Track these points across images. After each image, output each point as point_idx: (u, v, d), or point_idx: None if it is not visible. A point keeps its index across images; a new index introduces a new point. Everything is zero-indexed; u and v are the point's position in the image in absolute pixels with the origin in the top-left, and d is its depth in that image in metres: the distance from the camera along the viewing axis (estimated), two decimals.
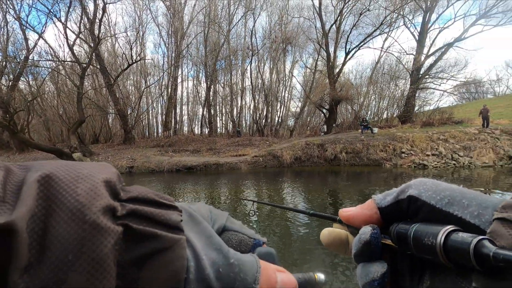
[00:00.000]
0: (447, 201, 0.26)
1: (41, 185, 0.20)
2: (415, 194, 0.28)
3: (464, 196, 0.26)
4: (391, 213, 0.30)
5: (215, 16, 29.83)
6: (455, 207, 0.25)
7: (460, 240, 0.23)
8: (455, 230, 0.24)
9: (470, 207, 0.25)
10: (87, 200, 0.20)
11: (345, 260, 4.02)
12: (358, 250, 0.29)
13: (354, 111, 28.75)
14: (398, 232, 0.28)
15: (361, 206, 0.33)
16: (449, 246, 0.23)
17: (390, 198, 0.30)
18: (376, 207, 0.31)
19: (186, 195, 9.84)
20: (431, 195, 0.27)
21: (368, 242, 0.29)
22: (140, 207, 0.23)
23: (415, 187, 0.29)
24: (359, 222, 0.32)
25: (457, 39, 23.07)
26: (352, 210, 0.33)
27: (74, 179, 0.21)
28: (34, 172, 0.21)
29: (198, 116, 35.76)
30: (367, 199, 0.32)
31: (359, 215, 0.32)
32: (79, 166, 0.23)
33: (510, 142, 14.77)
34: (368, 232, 0.29)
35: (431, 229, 0.25)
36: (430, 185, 0.28)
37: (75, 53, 20.98)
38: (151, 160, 17.98)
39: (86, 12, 20.57)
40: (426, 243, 0.25)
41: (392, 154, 16.00)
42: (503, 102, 33.26)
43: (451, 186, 0.28)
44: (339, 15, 25.92)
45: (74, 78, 23.33)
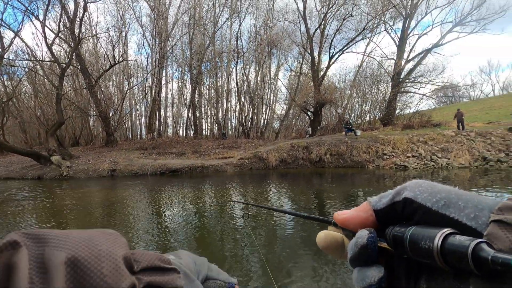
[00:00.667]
0: (443, 203, 0.26)
1: (68, 266, 0.20)
2: (411, 196, 0.28)
3: (460, 198, 0.26)
4: (387, 216, 0.30)
5: (200, 18, 29.66)
6: (451, 209, 0.25)
7: (458, 243, 0.22)
8: (452, 233, 0.24)
9: (466, 209, 0.25)
10: (114, 281, 0.21)
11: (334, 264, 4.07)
12: (355, 254, 0.29)
13: (338, 113, 29.29)
14: (394, 236, 0.28)
15: (356, 209, 0.32)
16: (447, 250, 0.23)
17: (385, 201, 0.30)
18: (371, 209, 0.31)
19: (171, 199, 9.68)
20: (427, 197, 0.27)
21: (365, 246, 0.28)
22: (152, 278, 0.24)
23: (410, 189, 0.28)
24: (355, 225, 0.31)
25: (435, 45, 24.08)
26: (347, 213, 0.32)
27: (97, 257, 0.21)
28: (55, 249, 0.21)
29: (183, 118, 35.34)
30: (351, 200, 0.32)
31: (354, 217, 0.31)
32: (96, 241, 0.23)
33: (484, 144, 15.51)
34: (365, 236, 0.28)
35: (428, 232, 0.25)
36: (425, 187, 0.28)
37: (54, 52, 20.24)
38: (134, 163, 17.57)
39: (66, 10, 19.92)
40: (423, 246, 0.24)
41: (375, 156, 16.42)
42: (477, 106, 34.92)
43: (447, 187, 0.27)
44: (323, 19, 26.46)
45: (53, 78, 22.49)
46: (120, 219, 7.06)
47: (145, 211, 8.00)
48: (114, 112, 26.25)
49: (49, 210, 8.37)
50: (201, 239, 5.49)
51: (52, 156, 17.47)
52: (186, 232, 5.88)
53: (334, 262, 4.05)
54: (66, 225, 6.84)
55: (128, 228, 6.20)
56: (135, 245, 5.17)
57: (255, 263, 4.31)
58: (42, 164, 17.56)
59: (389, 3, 23.59)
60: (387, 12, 24.66)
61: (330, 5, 25.52)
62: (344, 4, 25.17)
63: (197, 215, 7.32)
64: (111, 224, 6.66)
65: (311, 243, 4.85)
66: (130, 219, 7.02)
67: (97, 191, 11.75)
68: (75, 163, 17.92)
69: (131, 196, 10.21)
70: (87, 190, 11.91)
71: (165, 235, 5.79)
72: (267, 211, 6.88)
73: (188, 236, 5.66)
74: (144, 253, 0.27)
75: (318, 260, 4.20)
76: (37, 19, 19.30)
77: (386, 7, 24.12)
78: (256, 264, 4.29)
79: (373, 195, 1.55)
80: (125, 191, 11.44)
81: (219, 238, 5.51)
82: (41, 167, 17.44)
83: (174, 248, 5.02)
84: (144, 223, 6.68)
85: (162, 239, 5.54)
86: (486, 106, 33.31)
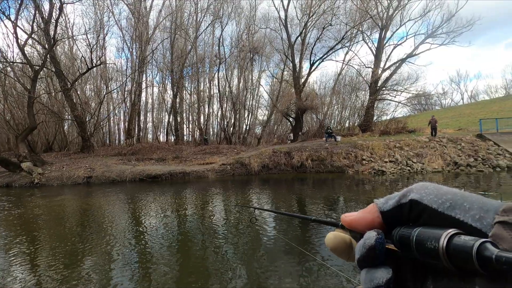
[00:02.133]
0: (449, 204, 0.26)
1: None
2: (417, 198, 0.28)
3: (465, 199, 0.26)
4: (393, 217, 0.30)
5: (182, 23, 29.47)
6: (456, 211, 0.26)
7: (463, 243, 0.23)
8: (457, 234, 0.24)
9: (471, 211, 0.25)
10: None
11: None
12: (362, 255, 0.29)
13: (318, 120, 29.88)
14: (400, 237, 0.28)
15: (363, 211, 0.33)
16: (452, 250, 0.23)
17: (392, 202, 0.30)
18: (378, 211, 0.31)
19: (151, 206, 9.40)
20: (433, 199, 0.27)
21: (373, 247, 0.28)
22: None
23: (416, 191, 0.29)
24: (362, 227, 0.32)
25: (409, 55, 25.28)
26: (354, 215, 0.33)
27: None
28: None
29: (163, 124, 34.68)
30: (332, 204, 0.33)
31: (361, 219, 0.32)
32: None
33: (455, 150, 16.34)
34: (372, 237, 0.29)
35: (433, 233, 0.25)
36: (431, 189, 0.28)
37: (26, 54, 19.33)
38: (112, 169, 16.98)
39: (41, 11, 19.13)
40: (428, 246, 0.25)
41: (354, 161, 16.85)
42: (448, 113, 36.80)
43: (453, 189, 0.28)
44: (304, 28, 27.13)
45: (24, 81, 21.43)
46: (95, 230, 6.75)
47: (123, 220, 7.72)
48: (91, 117, 25.31)
49: (17, 220, 7.88)
50: (182, 249, 5.36)
51: (23, 162, 16.55)
52: (167, 242, 5.73)
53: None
54: (36, 237, 6.47)
55: (103, 240, 5.94)
56: (111, 258, 4.96)
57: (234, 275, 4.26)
58: (11, 171, 16.56)
59: (366, 14, 24.59)
60: (365, 22, 25.69)
61: (311, 15, 26.23)
62: (323, 13, 25.97)
63: (177, 223, 7.16)
64: (85, 235, 6.37)
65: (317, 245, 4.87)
66: (106, 230, 6.74)
67: (71, 199, 11.22)
68: (48, 170, 17.05)
69: (107, 204, 9.82)
70: (60, 198, 11.34)
71: (144, 246, 5.60)
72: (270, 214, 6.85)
73: (169, 245, 5.51)
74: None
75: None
76: (8, 19, 18.42)
77: (364, 18, 25.13)
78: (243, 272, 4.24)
79: (352, 198, 1.60)
80: (102, 198, 11.00)
81: (200, 247, 5.41)
82: (10, 174, 16.44)
83: (154, 260, 4.87)
84: (121, 233, 6.43)
85: (141, 251, 5.36)
86: (456, 114, 35.19)
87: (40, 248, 5.56)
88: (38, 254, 5.18)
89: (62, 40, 23.65)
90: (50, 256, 5.00)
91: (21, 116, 25.15)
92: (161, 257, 4.85)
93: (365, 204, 1.79)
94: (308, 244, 5.24)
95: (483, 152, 15.75)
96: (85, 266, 4.52)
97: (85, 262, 4.70)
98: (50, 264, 4.62)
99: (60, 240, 5.94)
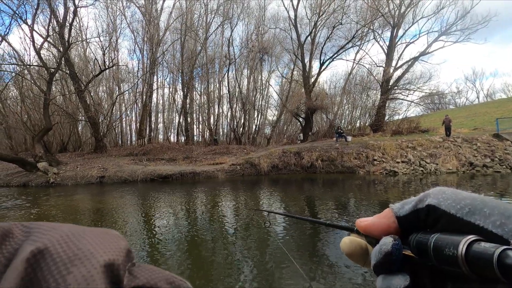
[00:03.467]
0: (468, 210, 0.25)
1: (29, 265, 0.17)
2: (434, 203, 0.28)
3: (485, 205, 0.25)
4: (410, 223, 0.29)
5: (192, 24, 29.75)
6: (476, 217, 0.25)
7: (483, 250, 0.22)
8: (477, 240, 0.23)
9: (492, 216, 0.24)
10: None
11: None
12: (379, 261, 0.28)
13: (328, 120, 29.61)
14: (418, 243, 0.27)
15: (378, 216, 0.32)
16: (471, 257, 0.22)
17: (408, 207, 0.30)
18: (394, 216, 0.30)
19: (163, 206, 9.53)
20: (451, 204, 0.26)
21: (390, 253, 0.28)
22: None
23: (434, 196, 0.28)
24: (377, 232, 0.31)
25: (421, 53, 24.74)
26: (369, 220, 0.32)
27: (70, 259, 0.18)
28: (31, 243, 0.18)
29: (174, 124, 35.07)
30: (343, 206, 0.32)
31: (376, 224, 0.31)
32: (83, 240, 0.20)
33: (470, 150, 15.89)
34: (389, 243, 0.28)
35: (452, 239, 0.24)
36: (449, 194, 0.28)
37: (42, 57, 19.89)
38: (124, 169, 17.29)
39: (56, 15, 19.67)
40: (447, 253, 0.24)
41: (365, 161, 16.61)
42: (463, 113, 35.83)
43: (472, 194, 0.27)
44: (314, 27, 26.93)
45: (40, 83, 22.05)
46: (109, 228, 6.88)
47: (135, 219, 7.85)
48: (104, 118, 25.85)
49: (33, 219, 8.12)
50: (191, 249, 5.41)
51: (39, 162, 17.02)
52: (179, 241, 5.79)
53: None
54: None
55: None
56: None
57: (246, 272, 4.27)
58: (28, 171, 17.07)
59: (377, 12, 24.20)
60: (376, 21, 25.28)
61: (321, 14, 26.01)
62: (334, 12, 25.71)
63: (187, 223, 7.23)
64: None
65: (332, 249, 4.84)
66: (119, 228, 6.87)
67: (85, 199, 11.48)
68: (63, 170, 17.50)
69: (120, 204, 10.01)
70: (75, 198, 11.63)
71: (155, 245, 5.68)
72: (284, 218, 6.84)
73: (180, 244, 5.57)
74: (149, 269, 0.23)
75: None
76: (25, 23, 18.98)
77: (375, 16, 24.74)
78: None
79: (363, 199, 1.56)
80: (115, 198, 11.22)
81: (210, 248, 5.44)
82: (27, 174, 16.95)
83: (167, 259, 4.93)
84: (134, 232, 6.54)
85: (151, 250, 5.44)
86: (471, 113, 34.22)
87: None
88: None
89: (76, 43, 24.20)
90: None
91: (37, 117, 25.89)
92: (170, 256, 4.90)
93: (377, 205, 1.78)
94: (318, 250, 5.20)
95: (500, 152, 15.26)
96: None
97: None
98: None
99: None
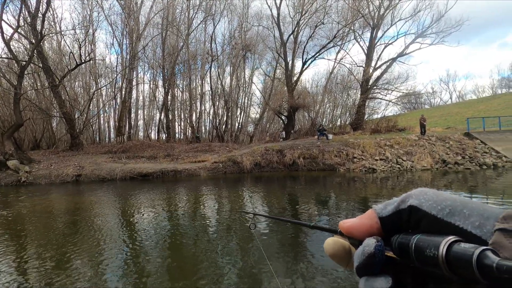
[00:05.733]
0: (448, 211, 0.26)
1: None
2: (416, 204, 0.28)
3: (465, 206, 0.26)
4: (392, 224, 0.30)
5: (173, 19, 29.11)
6: (456, 217, 0.25)
7: (462, 251, 0.22)
8: (457, 241, 0.24)
9: (471, 217, 0.25)
10: None
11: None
12: (361, 263, 0.28)
13: (310, 118, 30.04)
14: (399, 244, 0.27)
15: (361, 217, 0.32)
16: (452, 258, 0.23)
17: (390, 208, 0.30)
18: (376, 217, 0.31)
19: (142, 206, 9.30)
20: (432, 205, 0.27)
21: (372, 254, 0.28)
22: None
23: (415, 197, 0.29)
24: (360, 234, 0.31)
25: (399, 54, 25.62)
26: (352, 221, 0.32)
27: None
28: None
29: (155, 121, 34.31)
30: (324, 202, 0.32)
31: (359, 225, 0.31)
32: None
33: (443, 148, 16.67)
34: (372, 245, 0.28)
35: (433, 240, 0.25)
36: (431, 195, 0.28)
37: (12, 49, 18.79)
38: (102, 167, 16.72)
39: (27, 4, 18.58)
40: (428, 254, 0.24)
41: (346, 159, 17.01)
42: (437, 112, 37.52)
43: (452, 196, 0.27)
44: (296, 26, 27.17)
45: (10, 76, 20.83)
46: (84, 231, 6.64)
47: (112, 219, 7.62)
48: (80, 114, 24.83)
49: (2, 220, 7.69)
50: (172, 249, 5.32)
51: (9, 160, 16.12)
52: (157, 241, 5.68)
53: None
54: (21, 238, 6.32)
55: (92, 240, 5.85)
56: (100, 259, 4.88)
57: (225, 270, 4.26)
58: None
59: (358, 13, 24.77)
60: (356, 21, 25.89)
61: (303, 13, 26.27)
62: (316, 12, 26.05)
63: (168, 222, 7.10)
64: (73, 236, 6.25)
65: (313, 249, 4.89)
66: (96, 229, 6.64)
67: (59, 198, 11.01)
68: (36, 168, 16.66)
69: (97, 203, 9.67)
70: (49, 197, 11.11)
71: (135, 246, 5.54)
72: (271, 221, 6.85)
73: (159, 245, 5.46)
74: None
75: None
76: None
77: (355, 17, 25.33)
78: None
79: (343, 196, 1.60)
80: (91, 197, 10.83)
81: (191, 247, 5.38)
82: None
83: (144, 259, 4.82)
84: (111, 233, 6.35)
85: (131, 251, 5.30)
86: (445, 113, 35.90)
87: (27, 249, 5.44)
88: (25, 256, 5.06)
89: (49, 35, 23.03)
90: (38, 258, 4.90)
91: (7, 112, 24.44)
92: (151, 256, 4.80)
93: (357, 202, 1.82)
94: (301, 252, 5.28)
95: (470, 150, 16.12)
96: (74, 267, 4.44)
97: (74, 263, 4.62)
98: (38, 266, 4.53)
99: (48, 241, 5.82)
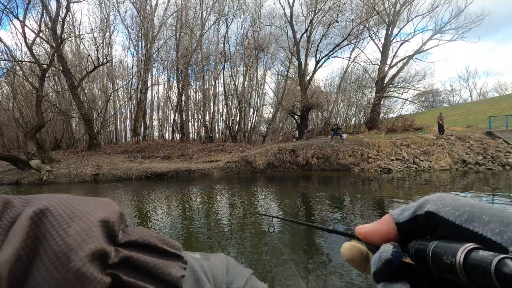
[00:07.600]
0: (467, 217, 0.25)
1: (33, 222, 0.18)
2: (433, 209, 0.27)
3: (484, 212, 0.25)
4: (409, 229, 0.29)
5: (187, 21, 29.53)
6: (475, 224, 0.24)
7: (481, 259, 0.22)
8: (475, 248, 0.23)
9: (491, 224, 0.23)
10: (77, 242, 0.18)
11: None
12: (378, 269, 0.28)
13: (324, 117, 29.72)
14: (417, 250, 0.27)
15: (377, 222, 0.31)
16: (470, 265, 0.22)
17: (407, 214, 0.29)
18: (393, 222, 0.30)
19: (156, 204, 9.48)
20: (450, 211, 0.26)
21: (389, 261, 0.27)
22: (136, 254, 0.21)
23: (433, 203, 0.28)
24: (377, 239, 0.30)
25: (416, 52, 24.91)
26: (369, 226, 0.32)
27: (69, 216, 0.19)
28: (31, 206, 0.19)
29: (169, 121, 34.92)
30: (338, 203, 0.31)
31: (376, 231, 0.31)
32: (79, 202, 0.21)
33: (463, 147, 16.08)
34: (389, 251, 0.27)
35: (450, 247, 0.24)
36: (448, 201, 0.27)
37: (34, 53, 19.57)
38: (119, 167, 17.15)
39: (48, 10, 19.34)
40: (445, 261, 0.23)
41: (360, 159, 16.70)
42: (457, 111, 36.26)
43: (471, 201, 0.26)
44: (310, 25, 26.91)
45: (33, 79, 21.72)
46: None
47: (129, 217, 7.80)
48: (98, 115, 25.60)
49: None
50: (189, 248, 5.39)
51: (31, 160, 16.81)
52: (174, 239, 5.75)
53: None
54: None
55: None
56: None
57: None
58: (20, 169, 16.85)
59: (372, 10, 24.26)
60: (371, 19, 25.35)
61: (316, 11, 25.99)
62: (329, 10, 25.71)
63: (183, 220, 7.20)
64: None
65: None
66: None
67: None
68: (56, 167, 17.30)
69: (115, 201, 9.91)
70: None
71: None
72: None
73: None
74: (141, 228, 0.24)
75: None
76: (17, 18, 18.64)
77: (370, 14, 24.80)
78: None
79: (358, 198, 1.55)
80: (109, 196, 11.13)
81: (206, 247, 5.43)
82: (19, 171, 16.73)
83: None
84: None
85: None
86: (465, 111, 34.65)
87: None
88: None
89: (69, 39, 23.87)
90: None
91: (29, 114, 25.54)
92: None
93: (373, 203, 1.77)
94: (318, 254, 5.23)
95: (492, 150, 15.46)
96: None
97: None
98: None
99: None
